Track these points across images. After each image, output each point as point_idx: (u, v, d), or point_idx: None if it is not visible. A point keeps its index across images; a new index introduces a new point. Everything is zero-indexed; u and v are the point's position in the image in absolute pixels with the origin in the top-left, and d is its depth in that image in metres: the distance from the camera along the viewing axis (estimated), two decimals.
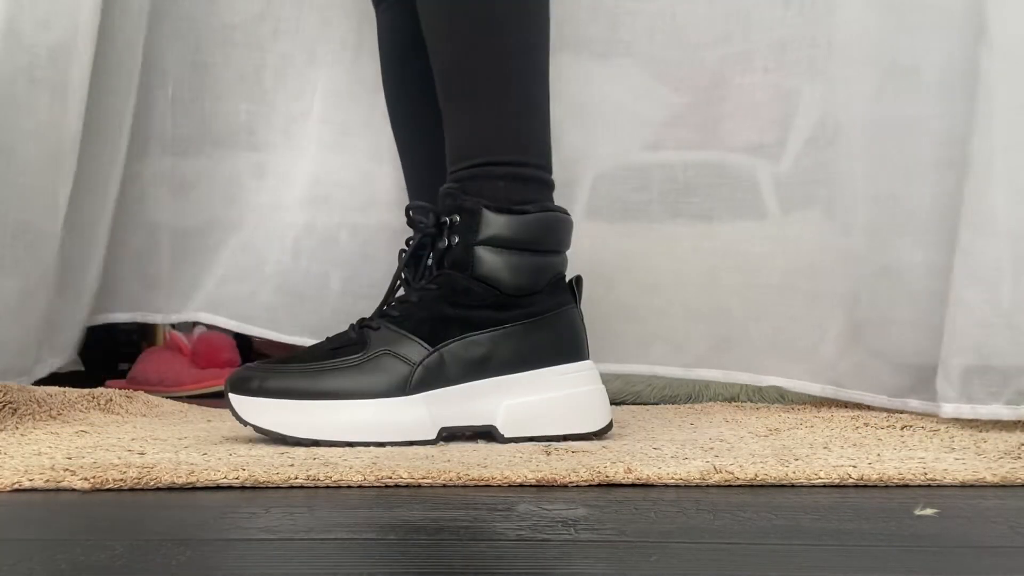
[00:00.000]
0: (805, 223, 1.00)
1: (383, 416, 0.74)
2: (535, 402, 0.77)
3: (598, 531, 0.48)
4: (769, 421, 0.89)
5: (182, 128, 1.15)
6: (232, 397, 0.74)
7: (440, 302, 0.77)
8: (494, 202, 0.77)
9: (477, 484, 0.60)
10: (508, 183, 0.78)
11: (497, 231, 0.77)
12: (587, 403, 0.79)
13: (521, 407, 0.76)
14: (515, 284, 0.77)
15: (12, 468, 0.61)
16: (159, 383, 1.25)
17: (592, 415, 0.79)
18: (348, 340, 0.77)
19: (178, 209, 1.16)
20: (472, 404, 0.76)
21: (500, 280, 0.77)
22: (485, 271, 0.77)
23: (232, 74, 1.14)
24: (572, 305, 0.80)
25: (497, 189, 0.77)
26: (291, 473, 0.60)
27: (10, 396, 0.80)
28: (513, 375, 0.77)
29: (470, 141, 0.80)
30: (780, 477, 0.61)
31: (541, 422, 0.77)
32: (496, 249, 0.77)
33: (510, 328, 0.77)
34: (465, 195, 0.77)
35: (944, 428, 0.82)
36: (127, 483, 0.58)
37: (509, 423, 0.76)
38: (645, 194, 1.06)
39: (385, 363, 0.75)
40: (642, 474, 0.60)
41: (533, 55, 0.80)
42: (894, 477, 0.61)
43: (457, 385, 0.75)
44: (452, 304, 0.77)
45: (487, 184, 0.78)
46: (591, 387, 0.80)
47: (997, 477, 0.61)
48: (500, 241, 0.77)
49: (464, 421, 0.76)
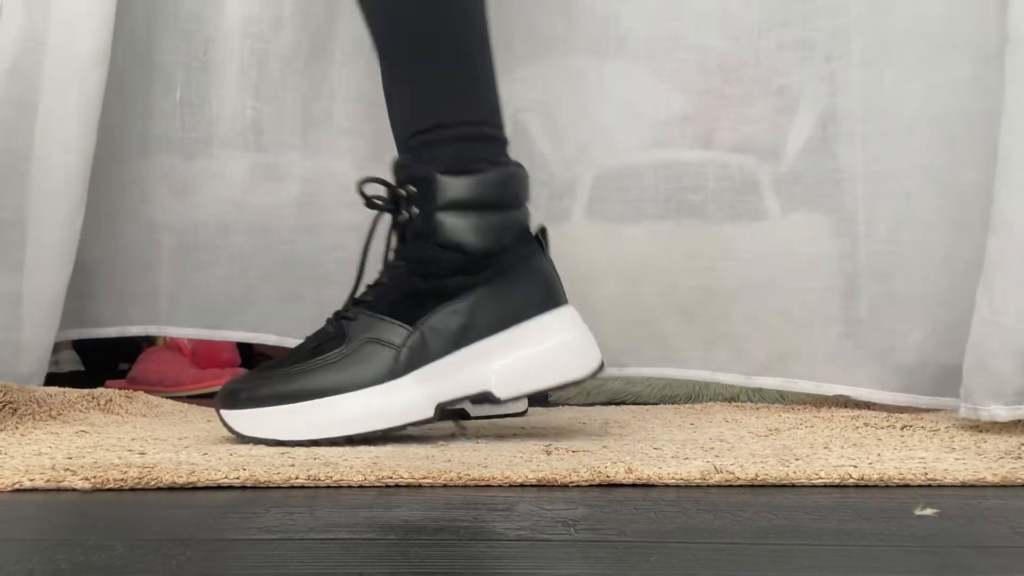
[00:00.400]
0: (880, 221, 0.95)
1: (377, 403, 0.73)
2: (524, 358, 0.75)
3: (598, 531, 0.48)
4: (769, 421, 0.89)
5: (191, 131, 1.14)
6: (224, 414, 0.74)
7: (411, 277, 0.76)
8: (448, 166, 0.75)
9: (477, 484, 0.60)
10: (460, 144, 0.76)
11: (455, 194, 0.75)
12: (576, 349, 0.77)
13: (511, 366, 0.75)
14: (481, 245, 0.76)
15: (12, 468, 0.61)
16: (159, 383, 1.25)
17: (583, 360, 0.77)
18: (327, 335, 0.76)
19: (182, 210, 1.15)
20: (463, 374, 0.75)
21: (465, 243, 0.76)
22: (449, 237, 0.75)
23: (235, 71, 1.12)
24: (540, 255, 0.78)
25: (449, 152, 0.76)
26: (292, 473, 0.60)
27: (10, 396, 0.80)
28: (497, 336, 0.75)
29: (417, 108, 0.78)
30: (780, 477, 0.61)
31: (534, 376, 0.76)
32: (457, 212, 0.75)
33: (484, 290, 0.76)
34: (417, 164, 0.76)
35: (944, 428, 0.82)
36: (128, 483, 0.58)
37: (503, 384, 0.75)
38: (700, 194, 1.03)
39: (369, 351, 0.74)
40: (643, 474, 0.60)
41: (471, 15, 0.79)
42: (894, 477, 0.61)
43: (444, 358, 0.74)
44: (423, 277, 0.76)
45: (438, 149, 0.76)
46: (576, 332, 0.78)
47: (997, 477, 0.61)
48: (460, 204, 0.75)
49: (458, 392, 0.75)
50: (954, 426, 0.83)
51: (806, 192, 0.99)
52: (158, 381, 1.26)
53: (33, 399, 0.83)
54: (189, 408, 1.01)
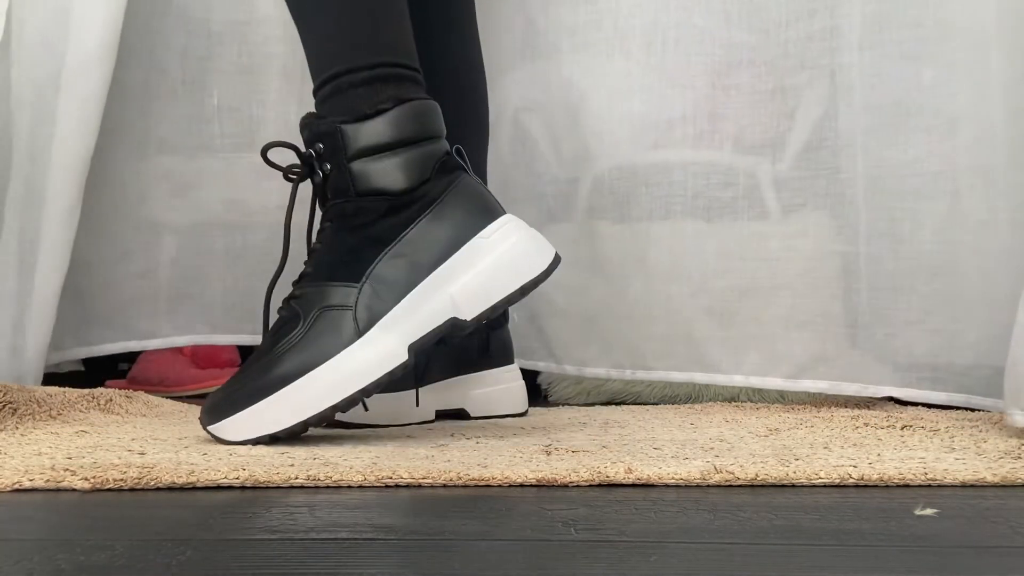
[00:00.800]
0: (932, 215, 0.93)
1: (351, 365, 0.72)
2: (479, 271, 0.74)
3: (598, 531, 0.48)
4: (769, 421, 0.89)
5: (229, 137, 1.13)
6: (211, 429, 0.73)
7: (340, 234, 0.75)
8: (351, 114, 0.74)
9: (477, 484, 0.60)
10: (363, 88, 0.75)
11: (365, 141, 0.74)
12: (526, 248, 0.76)
13: (469, 283, 0.74)
14: (404, 183, 0.75)
15: (12, 468, 0.61)
16: (159, 383, 1.25)
17: (538, 256, 0.76)
18: (283, 321, 0.75)
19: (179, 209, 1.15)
20: (424, 309, 0.73)
21: (387, 186, 0.74)
22: (367, 184, 0.74)
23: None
24: (466, 176, 0.77)
25: (352, 99, 0.75)
26: (291, 473, 0.60)
27: (10, 396, 0.80)
28: (444, 264, 0.74)
29: (316, 62, 0.77)
30: (780, 477, 0.61)
31: (495, 287, 0.74)
32: (371, 158, 0.74)
33: (419, 225, 0.75)
34: (319, 120, 0.75)
35: (944, 428, 0.82)
36: (127, 483, 0.58)
37: (468, 305, 0.74)
38: (731, 191, 1.02)
39: (326, 321, 0.73)
40: (642, 474, 0.60)
41: None
42: (894, 477, 0.61)
43: (401, 302, 0.73)
44: (351, 231, 0.75)
45: (340, 99, 0.75)
46: (522, 233, 0.76)
47: (997, 477, 0.61)
48: (371, 149, 0.74)
49: (427, 327, 0.73)
50: (954, 426, 0.83)
51: (841, 191, 0.97)
52: (158, 381, 1.26)
53: (33, 399, 0.83)
54: (189, 408, 1.01)
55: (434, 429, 0.84)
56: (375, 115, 0.74)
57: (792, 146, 1.00)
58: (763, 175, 1.01)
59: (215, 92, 1.12)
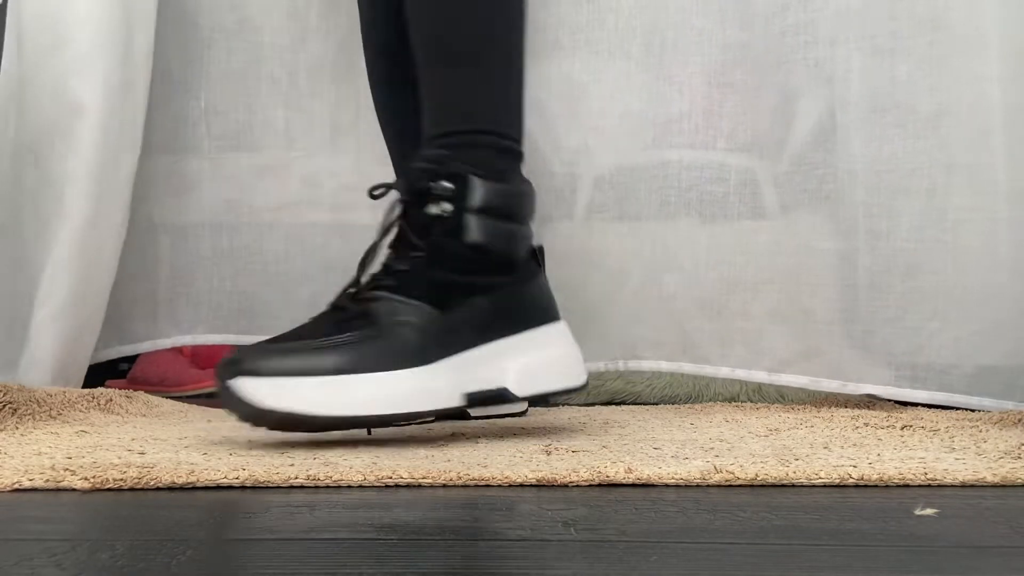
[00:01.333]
0: (902, 215, 0.94)
1: (408, 386, 0.72)
2: (537, 360, 0.79)
3: (598, 531, 0.48)
4: (769, 421, 0.89)
5: (216, 139, 1.13)
6: (241, 383, 0.69)
7: (435, 268, 0.77)
8: (483, 169, 0.77)
9: (477, 484, 0.60)
10: (493, 152, 0.79)
11: (487, 199, 0.77)
12: (576, 359, 0.83)
13: (527, 367, 0.78)
14: (503, 251, 0.78)
15: (12, 468, 0.61)
16: (159, 383, 1.25)
17: (578, 370, 0.82)
18: (351, 314, 0.75)
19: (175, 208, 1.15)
20: (485, 368, 0.76)
21: (491, 246, 0.77)
22: (476, 238, 0.77)
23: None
24: (542, 271, 0.83)
25: (484, 157, 0.78)
26: (291, 473, 0.60)
27: (10, 396, 0.80)
28: (514, 337, 0.78)
29: (454, 109, 0.80)
30: (781, 477, 0.61)
31: (543, 379, 0.79)
32: (485, 216, 0.77)
33: (504, 292, 0.78)
34: (452, 160, 0.77)
35: (944, 428, 0.82)
36: (127, 483, 0.58)
37: (518, 383, 0.77)
38: (722, 186, 1.03)
39: (398, 334, 0.74)
40: (642, 474, 0.60)
41: (516, 27, 0.81)
42: (895, 477, 0.61)
43: (470, 350, 0.76)
44: (450, 270, 0.77)
45: (475, 152, 0.78)
46: (575, 346, 0.83)
47: (997, 477, 0.61)
48: (489, 209, 0.77)
49: (482, 386, 0.76)
50: (954, 426, 0.83)
51: (819, 187, 0.98)
52: (158, 381, 1.26)
53: (33, 399, 0.83)
54: (189, 408, 1.01)
55: (433, 429, 0.84)
56: (503, 181, 0.78)
57: (788, 144, 1.00)
58: (759, 172, 1.01)
59: (202, 95, 1.12)
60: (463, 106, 0.80)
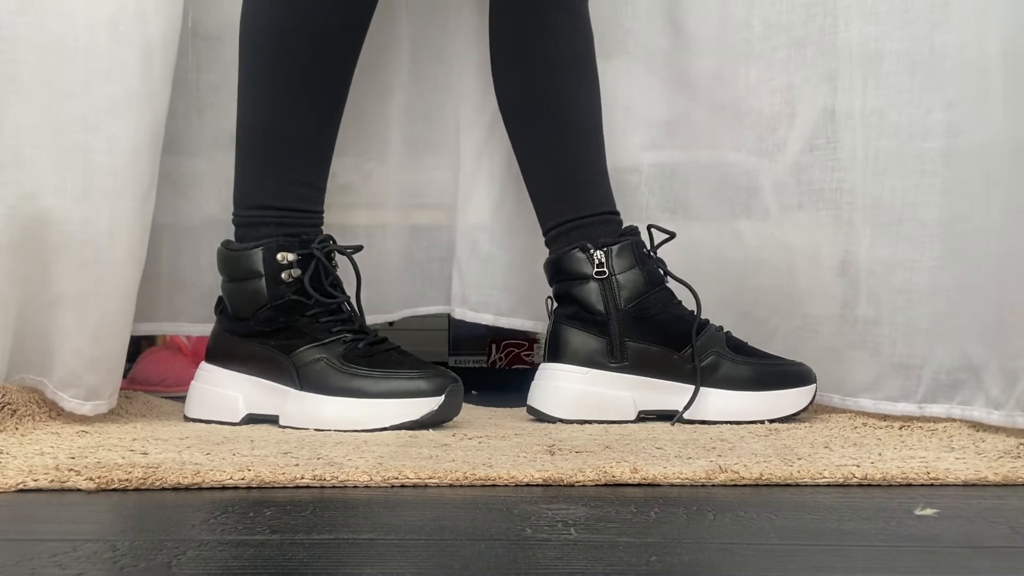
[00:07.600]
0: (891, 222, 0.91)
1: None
2: None
3: (599, 531, 0.48)
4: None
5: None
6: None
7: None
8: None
9: (483, 484, 0.60)
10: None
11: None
12: None
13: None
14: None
15: (16, 468, 0.61)
16: (159, 383, 1.25)
17: None
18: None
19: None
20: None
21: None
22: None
23: None
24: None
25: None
26: (297, 473, 0.60)
27: (9, 397, 0.80)
28: None
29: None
30: (785, 476, 0.61)
31: None
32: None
33: None
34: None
35: (942, 427, 0.82)
36: (132, 483, 0.58)
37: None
38: (729, 188, 1.04)
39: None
40: (648, 474, 0.61)
41: None
42: (897, 476, 0.61)
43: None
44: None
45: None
46: None
47: (999, 476, 0.61)
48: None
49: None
50: (951, 425, 0.83)
51: (817, 192, 0.98)
52: (158, 381, 1.26)
53: (32, 400, 0.83)
54: None
55: (433, 431, 0.84)
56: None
57: (791, 145, 1.00)
58: (762, 174, 1.01)
59: (202, 95, 1.12)
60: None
